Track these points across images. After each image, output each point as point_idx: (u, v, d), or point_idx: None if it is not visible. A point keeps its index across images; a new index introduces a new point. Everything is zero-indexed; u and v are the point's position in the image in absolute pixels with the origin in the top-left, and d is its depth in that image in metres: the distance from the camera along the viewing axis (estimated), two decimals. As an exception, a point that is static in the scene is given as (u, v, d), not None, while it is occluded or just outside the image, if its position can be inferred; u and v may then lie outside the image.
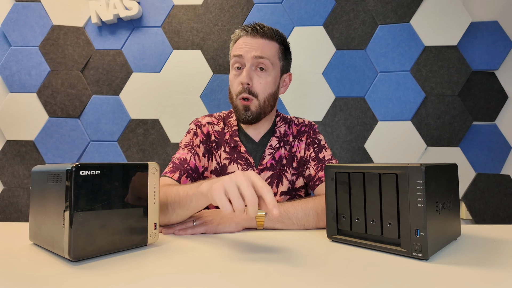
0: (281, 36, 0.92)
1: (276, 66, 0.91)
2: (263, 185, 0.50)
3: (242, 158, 0.93)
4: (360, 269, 0.45)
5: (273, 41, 0.90)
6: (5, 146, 1.70)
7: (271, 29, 0.90)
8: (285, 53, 0.94)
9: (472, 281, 0.41)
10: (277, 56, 0.91)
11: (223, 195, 0.51)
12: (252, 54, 0.87)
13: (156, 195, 0.58)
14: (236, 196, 0.50)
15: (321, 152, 0.94)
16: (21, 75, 1.71)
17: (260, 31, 0.88)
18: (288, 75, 0.98)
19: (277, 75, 0.92)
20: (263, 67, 0.88)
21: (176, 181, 0.85)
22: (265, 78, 0.89)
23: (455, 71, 1.65)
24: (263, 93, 0.89)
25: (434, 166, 0.51)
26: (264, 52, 0.87)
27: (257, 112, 0.89)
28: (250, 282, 0.41)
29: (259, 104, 0.89)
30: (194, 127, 0.97)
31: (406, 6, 1.68)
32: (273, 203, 0.49)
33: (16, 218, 1.69)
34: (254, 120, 0.90)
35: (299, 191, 0.96)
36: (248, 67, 0.88)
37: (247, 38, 0.89)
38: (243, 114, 0.89)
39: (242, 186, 0.50)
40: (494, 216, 1.61)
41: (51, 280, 0.42)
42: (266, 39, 0.89)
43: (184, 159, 0.90)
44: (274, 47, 0.90)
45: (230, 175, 0.53)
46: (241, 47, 0.88)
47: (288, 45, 0.95)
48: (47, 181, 0.53)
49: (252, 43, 0.88)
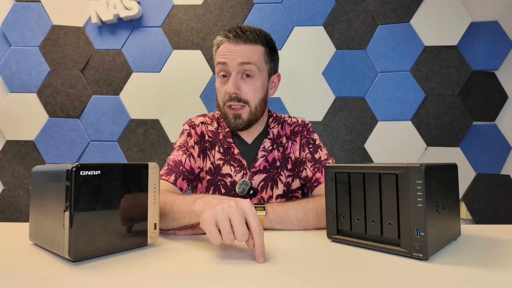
0: (265, 37, 0.88)
1: (263, 70, 0.88)
2: (256, 226, 0.48)
3: (235, 160, 0.92)
4: (360, 269, 0.45)
5: (258, 44, 0.86)
6: (5, 146, 1.70)
7: (253, 32, 0.85)
8: (271, 54, 0.90)
9: (472, 281, 0.41)
10: (263, 59, 0.87)
11: (213, 227, 0.49)
12: (237, 61, 0.83)
13: (156, 195, 0.58)
14: (227, 232, 0.48)
15: (317, 152, 0.92)
16: (21, 75, 1.71)
17: (243, 36, 0.84)
18: (276, 76, 0.95)
19: (265, 79, 0.89)
20: (250, 73, 0.85)
21: (172, 184, 0.84)
22: (253, 84, 0.86)
23: (455, 71, 1.65)
24: (253, 99, 0.86)
25: (434, 166, 0.51)
26: (250, 57, 0.84)
27: (248, 119, 0.87)
28: (250, 282, 0.41)
29: (250, 111, 0.86)
30: (188, 127, 0.95)
31: (406, 6, 1.68)
32: (260, 249, 0.48)
33: (16, 218, 1.69)
34: (246, 127, 0.88)
35: (295, 193, 0.95)
36: (234, 75, 0.84)
37: (230, 45, 0.84)
38: (233, 122, 0.87)
39: (234, 221, 0.48)
40: (494, 216, 1.61)
41: (51, 280, 0.42)
42: (250, 43, 0.85)
43: (179, 161, 0.88)
44: (259, 50, 0.86)
45: (222, 205, 0.49)
46: (225, 55, 0.84)
47: (273, 45, 0.91)
48: (47, 181, 0.53)
49: (235, 50, 0.84)
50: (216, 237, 0.48)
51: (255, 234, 0.48)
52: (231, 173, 0.91)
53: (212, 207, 0.51)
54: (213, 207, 0.50)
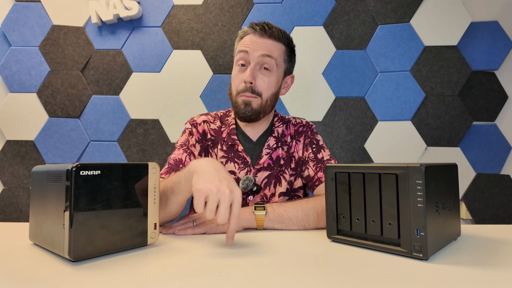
0: (288, 38, 0.92)
1: (280, 67, 0.91)
2: (236, 215, 0.56)
3: (239, 157, 0.92)
4: (360, 269, 0.45)
5: (280, 42, 0.89)
6: (5, 146, 1.70)
7: (279, 30, 0.89)
8: (290, 55, 0.94)
9: (472, 281, 0.41)
10: (283, 57, 0.91)
11: (202, 199, 0.54)
12: (259, 53, 0.86)
13: (156, 195, 0.58)
14: (211, 211, 0.54)
15: (320, 152, 0.93)
16: (21, 75, 1.71)
17: (269, 31, 0.87)
18: (290, 77, 0.97)
19: (280, 76, 0.92)
20: (268, 67, 0.88)
21: None
22: (268, 77, 0.88)
23: (455, 71, 1.65)
24: (266, 92, 0.88)
25: (434, 166, 0.51)
26: (271, 51, 0.87)
27: (257, 110, 0.88)
28: (250, 282, 0.41)
29: (261, 103, 0.88)
30: (190, 126, 0.96)
31: (406, 6, 1.68)
32: (232, 233, 0.56)
33: (16, 218, 1.69)
34: (254, 117, 0.89)
35: (297, 192, 0.95)
36: (253, 65, 0.87)
37: (255, 36, 0.88)
38: (243, 109, 0.88)
39: (221, 206, 0.54)
40: (494, 216, 1.61)
41: (51, 280, 0.42)
42: (274, 39, 0.88)
43: (180, 160, 0.89)
44: (280, 48, 0.90)
45: (218, 187, 0.55)
46: (248, 45, 0.87)
47: (293, 48, 0.95)
48: (47, 181, 0.53)
49: (259, 42, 0.87)
50: (200, 208, 0.55)
51: (232, 220, 0.56)
52: (235, 170, 0.92)
53: (208, 181, 0.56)
54: (209, 181, 0.56)
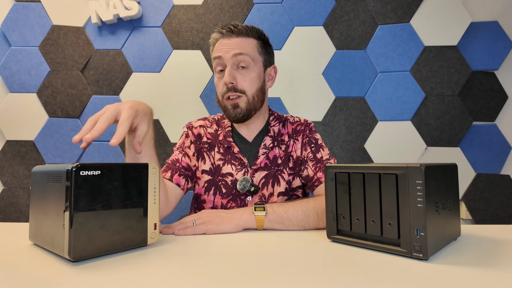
0: (257, 31, 0.92)
1: (257, 61, 0.91)
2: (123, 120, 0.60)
3: (235, 159, 0.93)
4: (360, 269, 0.45)
5: (250, 37, 0.90)
6: (5, 146, 1.70)
7: (246, 27, 0.90)
8: (265, 47, 0.94)
9: (472, 281, 0.41)
10: (257, 50, 0.91)
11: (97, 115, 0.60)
12: (231, 53, 0.87)
13: (156, 195, 0.58)
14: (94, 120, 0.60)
15: (319, 152, 0.93)
16: (21, 75, 1.70)
17: (235, 30, 0.89)
18: (272, 68, 0.98)
19: (261, 70, 0.92)
20: (244, 65, 0.88)
21: (168, 180, 0.87)
22: (248, 75, 0.89)
23: (455, 71, 1.65)
24: (250, 89, 0.89)
25: (434, 166, 0.51)
26: (243, 48, 0.88)
27: (247, 108, 0.89)
28: (250, 282, 0.41)
29: (248, 100, 0.89)
30: (186, 129, 0.99)
31: (406, 6, 1.68)
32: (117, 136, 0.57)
33: (16, 218, 1.69)
34: (245, 117, 0.89)
35: (296, 191, 0.95)
36: (229, 67, 0.88)
37: (224, 39, 0.89)
38: (233, 112, 0.89)
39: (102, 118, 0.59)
40: (494, 216, 1.61)
41: (51, 280, 0.42)
42: (243, 36, 0.89)
43: (176, 159, 0.92)
44: (252, 43, 0.90)
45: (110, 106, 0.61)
46: (219, 49, 0.89)
47: (266, 39, 0.95)
48: (47, 181, 0.53)
49: (229, 43, 0.88)
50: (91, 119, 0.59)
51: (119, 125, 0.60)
52: (232, 171, 0.92)
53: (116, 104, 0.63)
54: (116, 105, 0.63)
